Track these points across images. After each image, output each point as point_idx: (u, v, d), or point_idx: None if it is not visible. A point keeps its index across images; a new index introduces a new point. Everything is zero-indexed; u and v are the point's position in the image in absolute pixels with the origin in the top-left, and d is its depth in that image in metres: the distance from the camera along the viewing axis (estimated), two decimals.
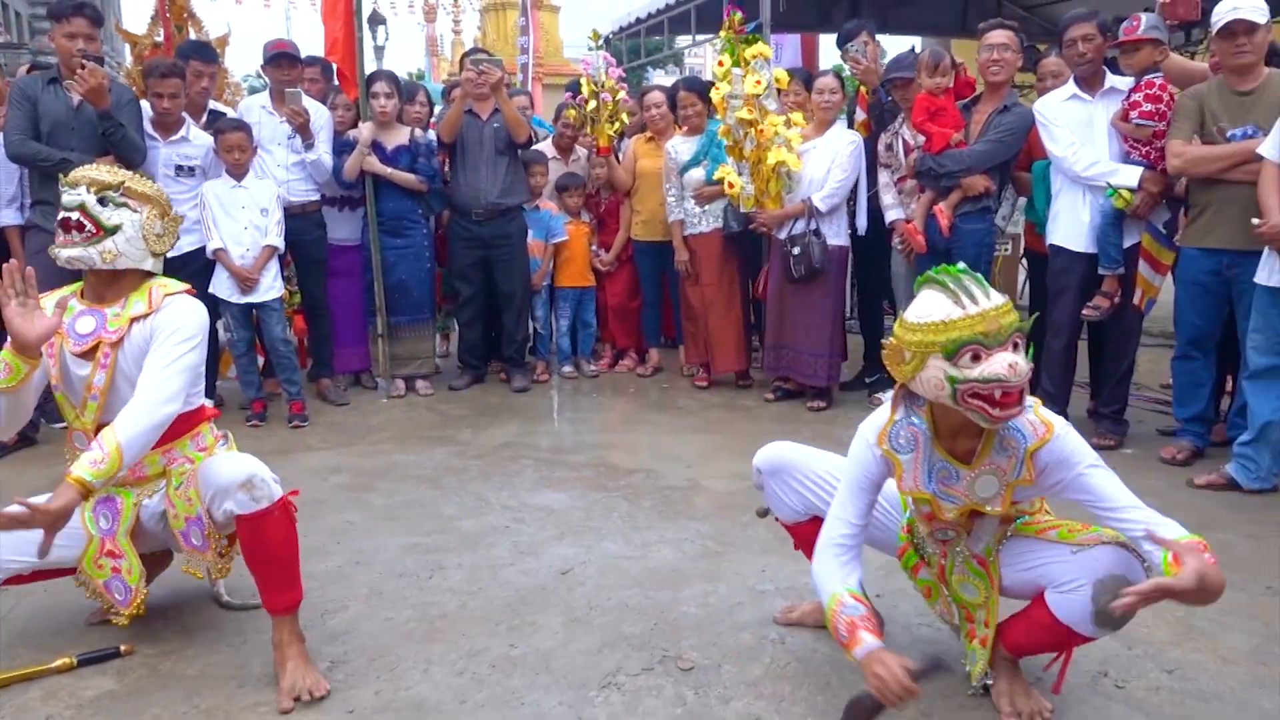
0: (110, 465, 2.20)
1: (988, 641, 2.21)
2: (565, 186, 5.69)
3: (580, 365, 5.85)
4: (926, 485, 2.11)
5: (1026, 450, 2.00)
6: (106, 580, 2.46)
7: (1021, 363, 1.87)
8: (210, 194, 4.62)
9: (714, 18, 8.04)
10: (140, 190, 2.50)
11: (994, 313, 1.87)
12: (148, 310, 2.41)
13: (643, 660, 2.49)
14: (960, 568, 2.23)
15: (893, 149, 4.78)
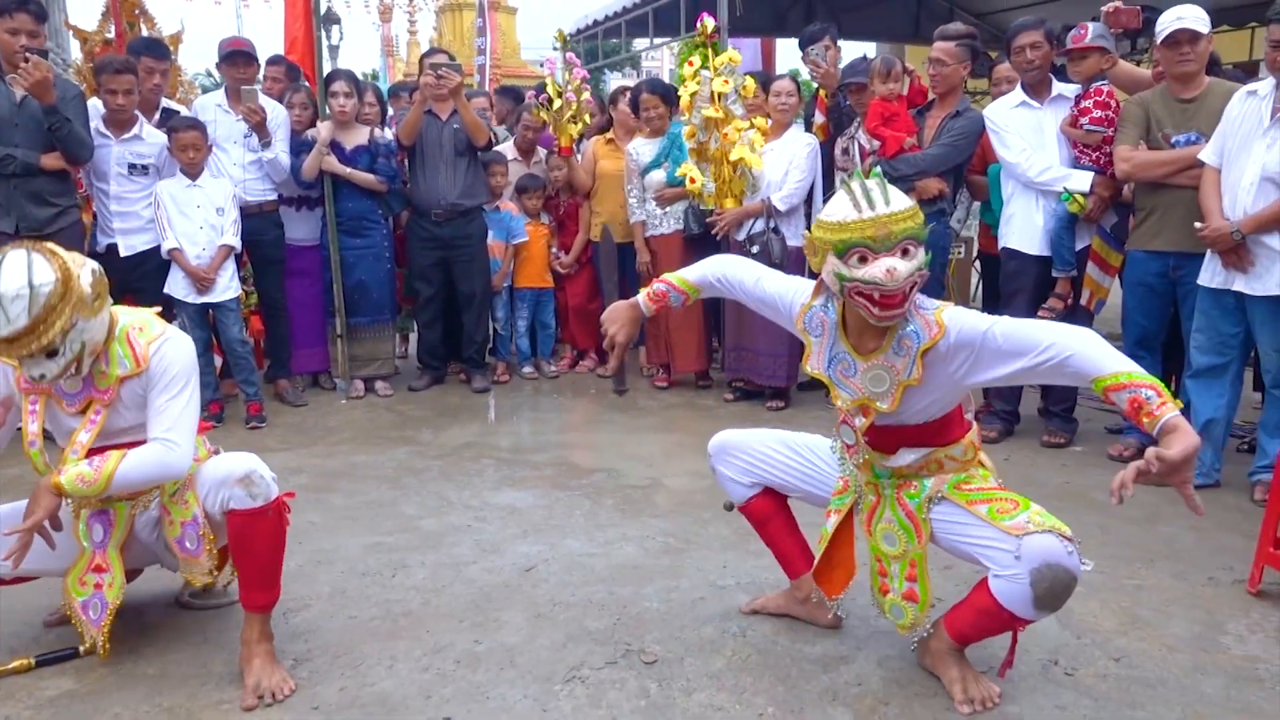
0: (93, 490, 2.22)
1: (915, 595, 2.30)
2: (525, 188, 5.70)
3: (540, 366, 5.87)
4: (826, 369, 2.28)
5: (918, 350, 2.11)
6: (85, 599, 2.42)
7: (901, 268, 1.99)
8: (164, 193, 4.56)
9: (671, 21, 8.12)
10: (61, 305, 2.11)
11: (886, 219, 2.00)
12: (136, 369, 2.31)
13: (606, 654, 2.51)
14: (889, 516, 2.32)
15: (849, 153, 4.86)
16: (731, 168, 4.86)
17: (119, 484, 2.23)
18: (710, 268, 2.55)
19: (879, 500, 2.35)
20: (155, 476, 2.30)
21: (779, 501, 2.64)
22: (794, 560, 2.63)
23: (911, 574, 2.30)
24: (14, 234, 4.18)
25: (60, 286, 2.10)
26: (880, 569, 2.36)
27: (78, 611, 2.43)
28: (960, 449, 2.28)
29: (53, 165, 4.25)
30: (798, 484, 2.56)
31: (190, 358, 2.38)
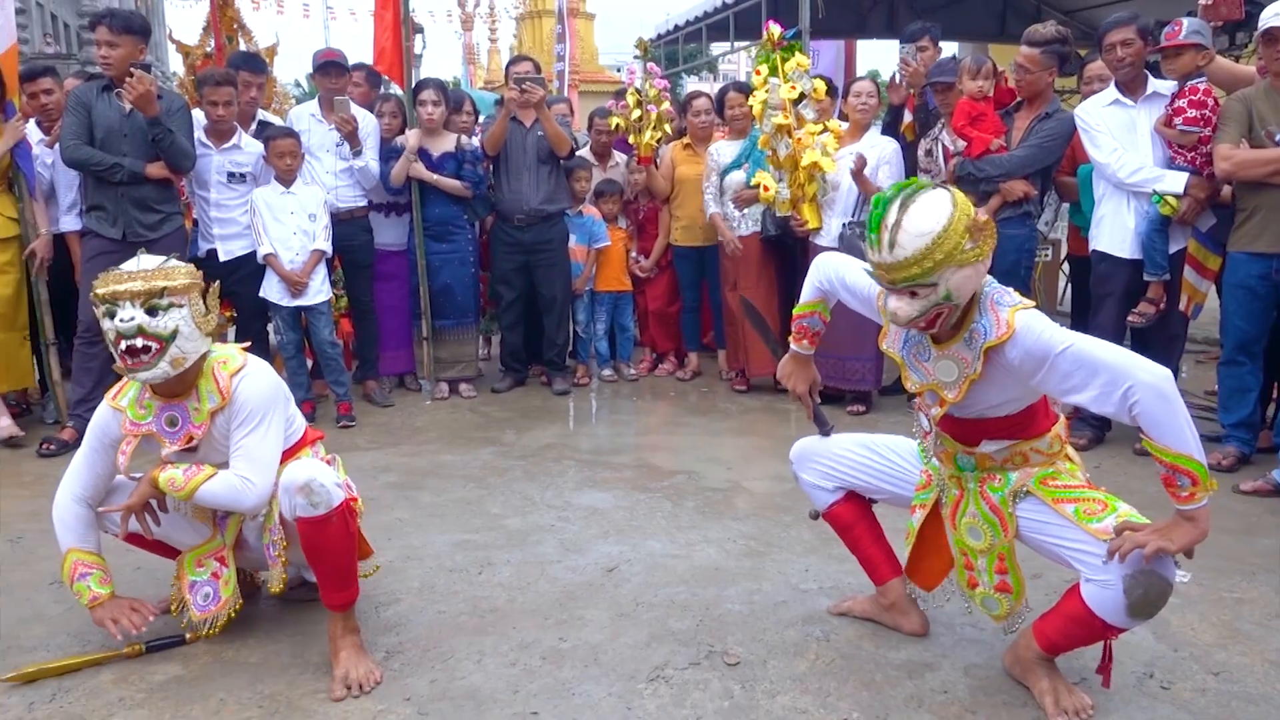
0: (178, 495, 2.40)
1: (1008, 586, 2.28)
2: (602, 192, 5.76)
3: (620, 369, 5.92)
4: (900, 349, 2.30)
5: (982, 346, 2.09)
6: (196, 580, 2.57)
7: (903, 312, 2.06)
8: (260, 200, 4.73)
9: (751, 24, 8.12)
10: (179, 283, 2.41)
11: (890, 265, 2.03)
12: (222, 402, 2.45)
13: (689, 655, 2.53)
14: (973, 510, 2.29)
15: (932, 154, 4.80)
16: (805, 173, 4.84)
17: (200, 499, 2.41)
18: (814, 275, 2.55)
19: (962, 494, 2.33)
20: (229, 505, 2.45)
21: (863, 507, 2.63)
22: (879, 566, 2.62)
23: (1001, 567, 2.28)
24: (121, 240, 4.40)
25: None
26: (967, 563, 2.34)
27: (184, 590, 2.56)
28: (1045, 442, 2.24)
29: (157, 174, 4.45)
30: (881, 485, 2.55)
31: (270, 390, 2.48)
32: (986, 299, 2.11)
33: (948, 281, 2.02)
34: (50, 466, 4.15)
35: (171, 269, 2.43)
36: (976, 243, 2.01)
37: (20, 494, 3.85)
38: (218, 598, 2.56)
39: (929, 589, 2.50)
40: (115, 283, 2.36)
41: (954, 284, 2.02)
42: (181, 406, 2.48)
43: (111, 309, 2.36)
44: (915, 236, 1.99)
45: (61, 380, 4.72)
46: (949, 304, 2.05)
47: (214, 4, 5.92)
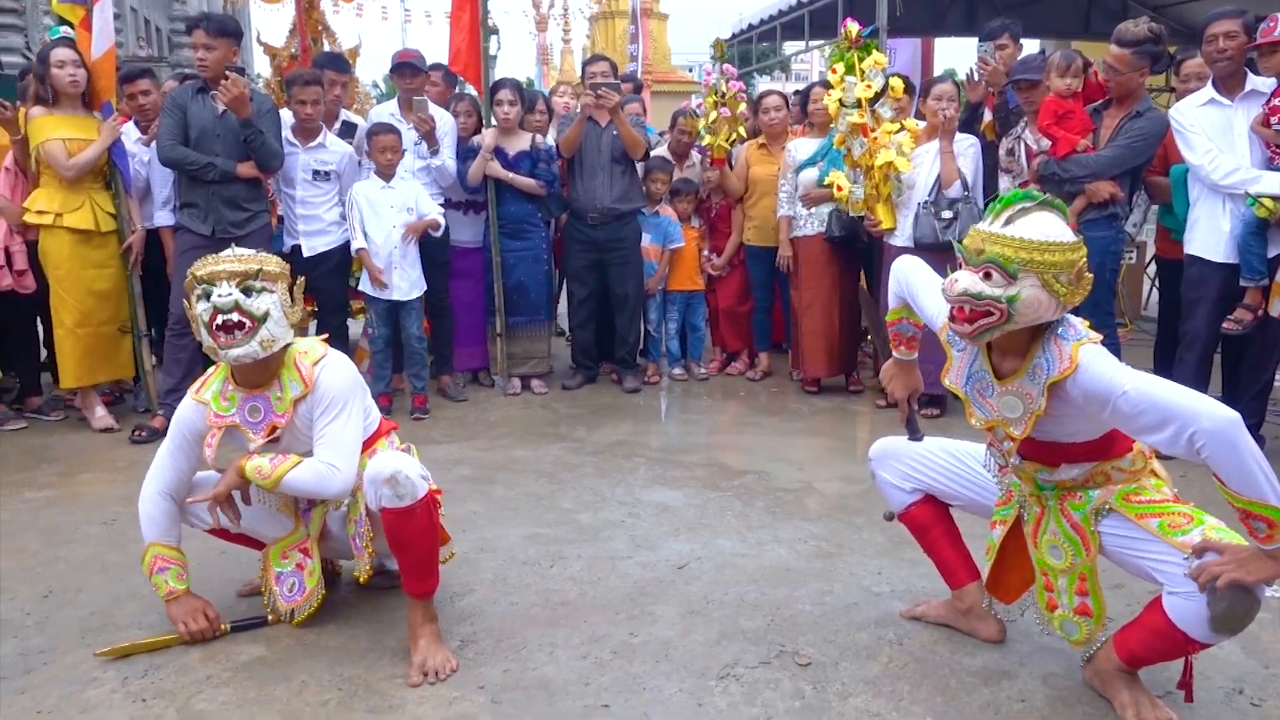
0: (264, 483, 2.45)
1: (1088, 609, 2.21)
2: (677, 191, 5.77)
3: (690, 368, 5.92)
4: (963, 384, 2.25)
5: (1045, 382, 2.04)
6: (282, 572, 2.65)
7: (963, 283, 2.00)
8: (360, 195, 4.86)
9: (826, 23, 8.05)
10: (272, 270, 2.53)
11: (988, 236, 1.99)
12: (305, 390, 2.51)
13: (760, 654, 2.53)
14: (1053, 528, 2.24)
15: (1015, 154, 4.70)
16: (880, 172, 4.78)
17: (286, 487, 2.46)
18: (892, 283, 2.54)
19: (1043, 512, 2.27)
20: (315, 492, 2.50)
21: (941, 510, 2.59)
22: (956, 570, 2.58)
23: (1082, 588, 2.22)
24: (210, 236, 4.55)
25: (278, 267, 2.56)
26: (1047, 584, 2.28)
27: (271, 581, 2.65)
28: (1128, 460, 2.17)
29: (247, 173, 4.59)
30: (961, 491, 2.51)
31: (351, 379, 2.55)
32: (1051, 334, 2.05)
33: (1023, 287, 1.97)
34: (142, 453, 4.32)
35: (265, 257, 2.55)
36: (1068, 284, 1.98)
37: (114, 479, 4.01)
38: (303, 589, 2.63)
39: (1009, 603, 2.46)
40: (213, 264, 2.48)
41: (1026, 294, 1.97)
42: (264, 397, 2.53)
43: (208, 289, 2.44)
44: (1034, 228, 1.97)
45: (153, 370, 4.90)
46: (1004, 310, 1.99)
47: (300, 7, 6.09)
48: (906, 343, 2.59)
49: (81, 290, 4.61)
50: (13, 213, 4.58)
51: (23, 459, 4.28)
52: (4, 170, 4.63)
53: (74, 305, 4.60)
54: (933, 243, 4.72)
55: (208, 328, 2.44)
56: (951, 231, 4.69)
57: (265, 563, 2.70)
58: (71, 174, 4.51)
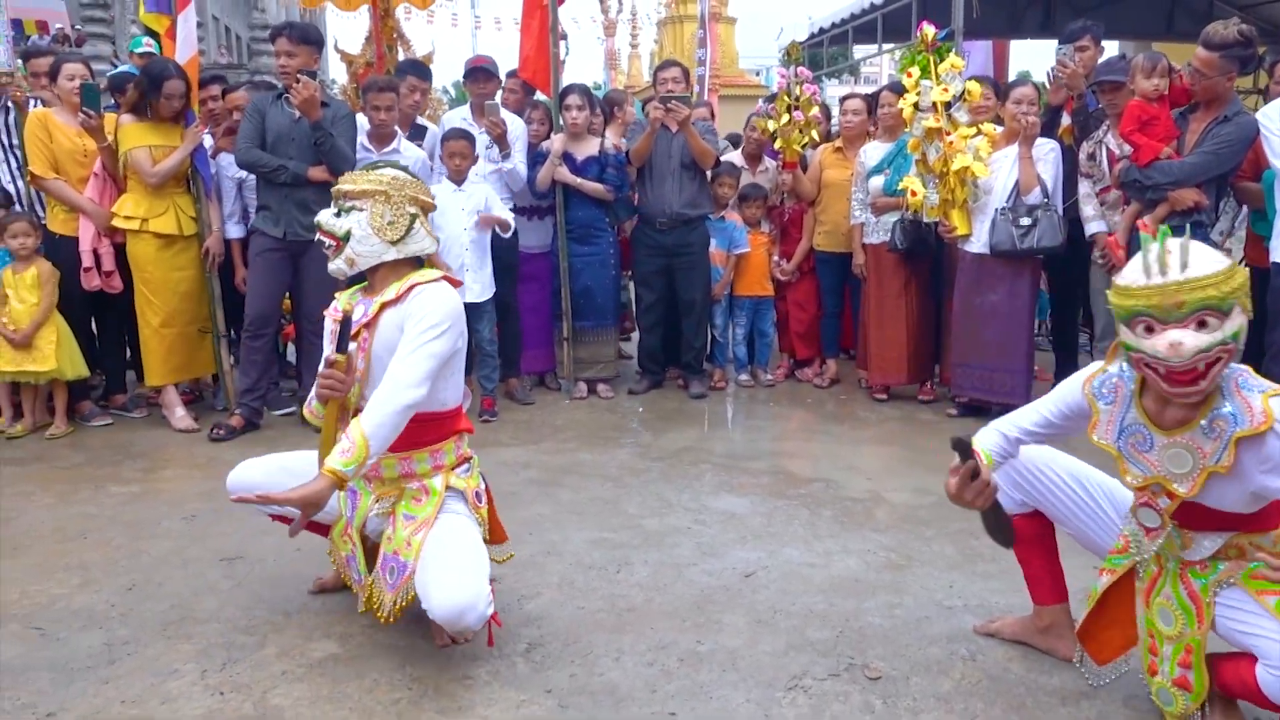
0: (358, 454, 2.31)
1: (1188, 683, 2.07)
2: (746, 196, 5.74)
3: (757, 374, 5.88)
4: (1115, 440, 2.09)
5: (1233, 436, 1.90)
6: (347, 556, 2.64)
7: (1189, 343, 1.84)
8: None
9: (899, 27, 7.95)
10: (360, 188, 2.58)
11: (1175, 287, 1.84)
12: (396, 297, 2.50)
13: (829, 666, 2.50)
14: (1168, 591, 2.11)
15: (1095, 158, 4.58)
16: (956, 177, 4.70)
17: (374, 436, 2.33)
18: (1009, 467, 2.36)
19: (1160, 573, 2.14)
20: (392, 415, 2.36)
21: (1047, 525, 2.46)
22: (1045, 586, 2.49)
23: (1186, 660, 2.07)
24: (282, 239, 4.66)
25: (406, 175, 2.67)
26: (1152, 646, 2.15)
27: (344, 565, 2.67)
28: (1269, 538, 2.04)
29: (318, 177, 4.68)
30: (1076, 522, 2.37)
31: (450, 307, 2.50)
32: (1229, 381, 1.94)
33: (1236, 319, 1.85)
34: (220, 450, 4.44)
35: (359, 175, 2.64)
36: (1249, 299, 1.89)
37: (194, 475, 4.13)
38: (358, 577, 2.60)
39: (1101, 662, 2.28)
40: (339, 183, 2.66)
41: (1241, 324, 1.86)
42: (370, 300, 2.59)
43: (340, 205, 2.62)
44: (1208, 260, 1.86)
45: (231, 370, 5.03)
46: (1232, 347, 1.86)
47: (376, 15, 6.21)
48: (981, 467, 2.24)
49: (166, 292, 4.76)
50: (101, 217, 4.74)
51: (108, 454, 4.42)
52: (93, 176, 4.80)
53: (159, 306, 4.75)
54: (1009, 249, 4.62)
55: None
56: (1030, 239, 4.59)
57: (334, 550, 2.70)
58: (155, 180, 4.65)
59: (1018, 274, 4.75)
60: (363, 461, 2.32)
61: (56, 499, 3.81)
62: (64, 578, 3.05)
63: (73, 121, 4.72)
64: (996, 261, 4.74)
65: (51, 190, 4.77)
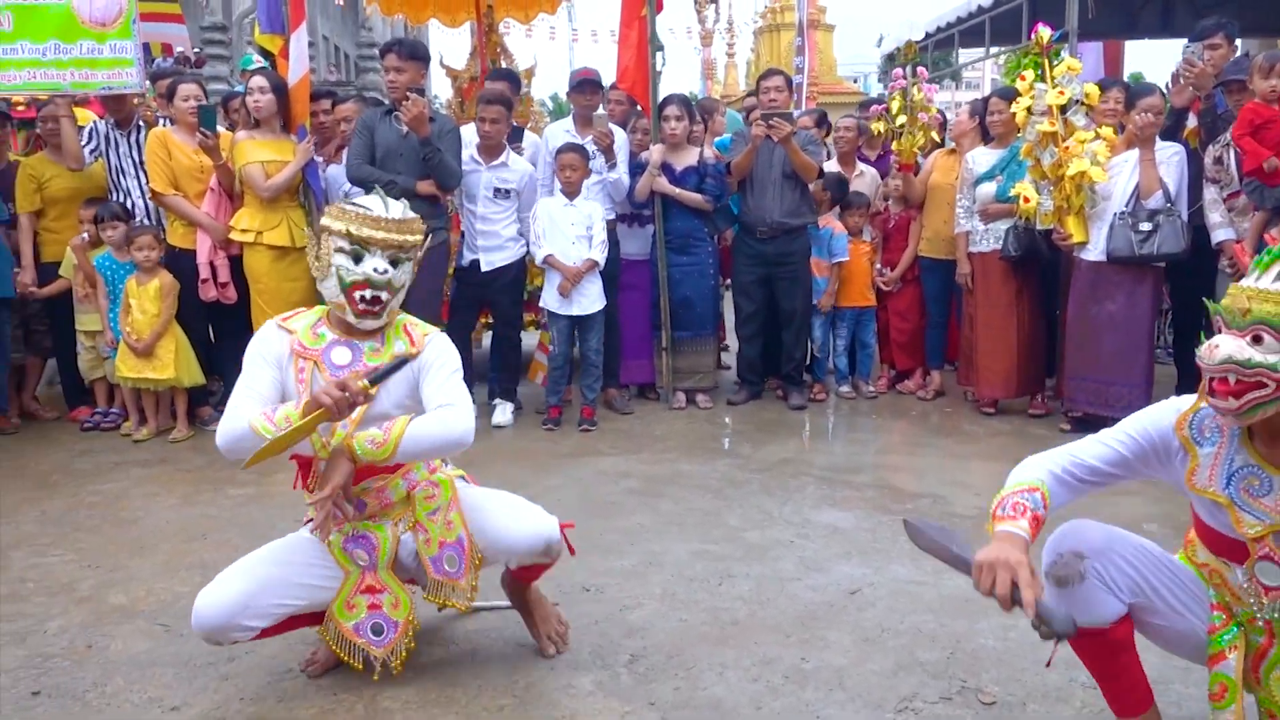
0: (384, 451, 2.23)
1: None
2: (850, 204, 5.66)
3: (858, 386, 5.78)
4: (1223, 488, 1.84)
5: None
6: (358, 621, 2.38)
7: (1226, 349, 1.70)
8: (543, 209, 5.04)
9: (1008, 29, 7.73)
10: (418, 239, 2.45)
11: (1251, 294, 1.72)
12: (411, 349, 2.39)
13: (940, 689, 2.42)
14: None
15: (1223, 162, 4.36)
16: (1072, 183, 4.53)
17: (406, 447, 2.24)
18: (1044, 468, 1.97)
19: (1270, 641, 1.90)
20: (441, 441, 2.29)
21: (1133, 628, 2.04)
22: (1138, 692, 2.06)
23: None
24: None
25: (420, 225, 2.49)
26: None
27: (350, 635, 2.37)
28: None
29: (427, 191, 4.79)
30: (1179, 609, 1.97)
31: (456, 354, 2.46)
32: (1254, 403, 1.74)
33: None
34: None
35: (413, 223, 2.43)
36: None
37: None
38: (392, 626, 2.40)
39: None
40: (368, 226, 2.35)
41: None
42: (358, 346, 2.39)
43: (359, 252, 2.34)
44: None
45: None
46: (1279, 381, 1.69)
47: (480, 30, 6.33)
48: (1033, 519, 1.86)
49: (280, 302, 4.91)
50: (218, 231, 4.94)
51: (225, 458, 4.58)
52: (209, 191, 5.00)
53: (273, 316, 4.90)
54: (1128, 256, 4.44)
55: (347, 290, 2.34)
56: (1150, 245, 4.39)
57: (334, 625, 2.38)
58: (268, 195, 4.82)
59: (1137, 282, 4.55)
60: (379, 460, 2.25)
61: (180, 500, 3.97)
62: (187, 576, 3.17)
63: (190, 140, 4.94)
64: (1114, 269, 4.56)
65: (171, 206, 4.99)
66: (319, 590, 2.38)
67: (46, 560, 3.34)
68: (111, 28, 4.98)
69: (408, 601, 2.44)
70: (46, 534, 3.59)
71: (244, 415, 2.26)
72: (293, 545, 2.43)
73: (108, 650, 2.68)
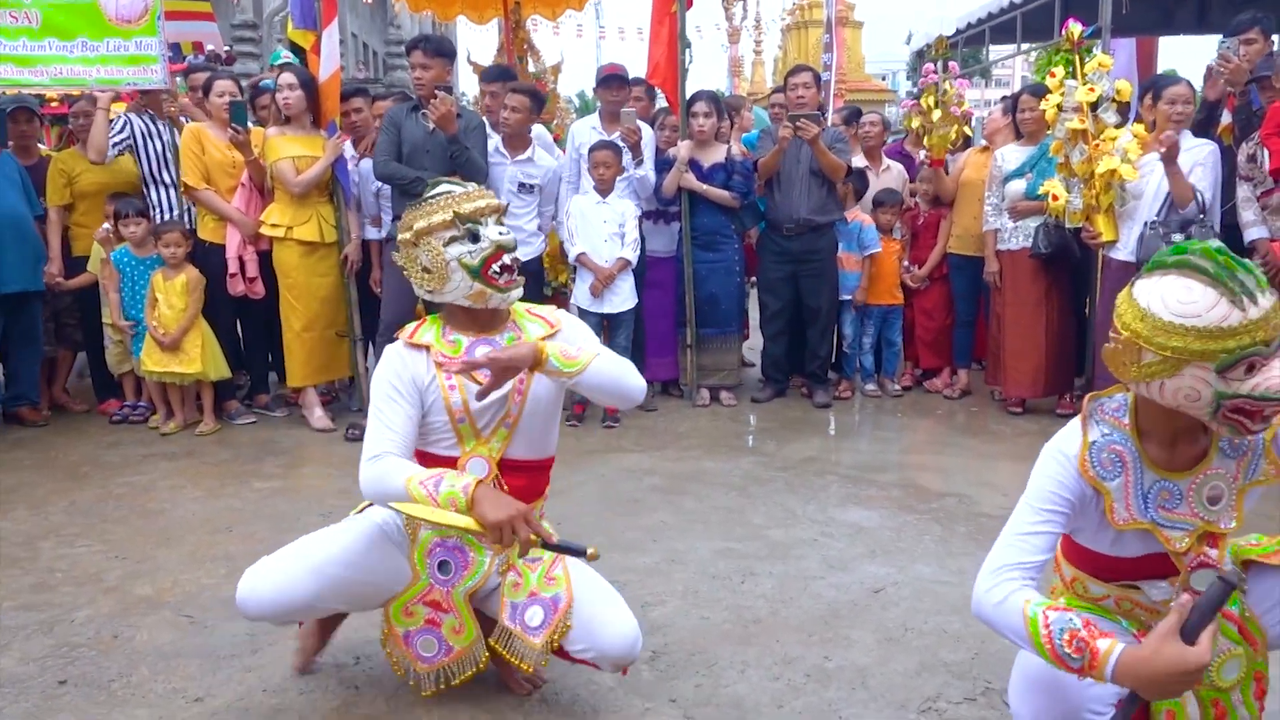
0: (573, 365, 2.14)
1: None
2: (881, 202, 5.62)
3: (884, 384, 5.73)
4: (1143, 513, 1.74)
5: (1264, 440, 1.71)
6: (408, 631, 2.25)
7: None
8: (576, 207, 5.07)
9: (1039, 25, 7.64)
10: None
11: (1274, 313, 1.56)
12: (552, 329, 2.31)
13: (964, 689, 2.40)
14: (1220, 641, 1.76)
15: (1256, 160, 4.28)
16: (1102, 181, 4.46)
17: (594, 370, 2.16)
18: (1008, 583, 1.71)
19: None
20: (623, 383, 2.25)
21: None
22: None
23: (1260, 690, 1.85)
24: None
25: None
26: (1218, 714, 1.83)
27: (399, 643, 2.27)
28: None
29: None
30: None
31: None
32: None
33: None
34: (355, 450, 4.52)
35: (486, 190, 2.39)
36: None
37: (331, 473, 4.28)
38: (446, 648, 2.26)
39: None
40: (468, 201, 2.25)
41: None
42: (495, 340, 2.27)
43: (473, 230, 2.22)
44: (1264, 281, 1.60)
45: (366, 373, 5.21)
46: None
47: (507, 27, 6.34)
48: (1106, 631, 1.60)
49: (309, 297, 4.97)
50: (248, 226, 4.98)
51: (252, 451, 4.64)
52: (240, 186, 5.04)
53: (302, 311, 4.96)
54: None
55: (481, 269, 2.20)
56: None
57: (387, 626, 2.28)
58: (299, 190, 4.85)
59: None
60: (571, 373, 2.15)
61: (206, 493, 4.01)
62: (212, 568, 3.20)
63: (223, 135, 4.97)
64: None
65: (202, 200, 5.04)
66: (380, 592, 2.24)
67: (75, 550, 3.38)
68: (137, 25, 5.03)
69: (474, 634, 2.25)
70: (75, 524, 3.64)
71: (401, 471, 2.10)
72: (365, 542, 2.19)
73: (133, 641, 2.71)
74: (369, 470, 2.14)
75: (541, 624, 2.18)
